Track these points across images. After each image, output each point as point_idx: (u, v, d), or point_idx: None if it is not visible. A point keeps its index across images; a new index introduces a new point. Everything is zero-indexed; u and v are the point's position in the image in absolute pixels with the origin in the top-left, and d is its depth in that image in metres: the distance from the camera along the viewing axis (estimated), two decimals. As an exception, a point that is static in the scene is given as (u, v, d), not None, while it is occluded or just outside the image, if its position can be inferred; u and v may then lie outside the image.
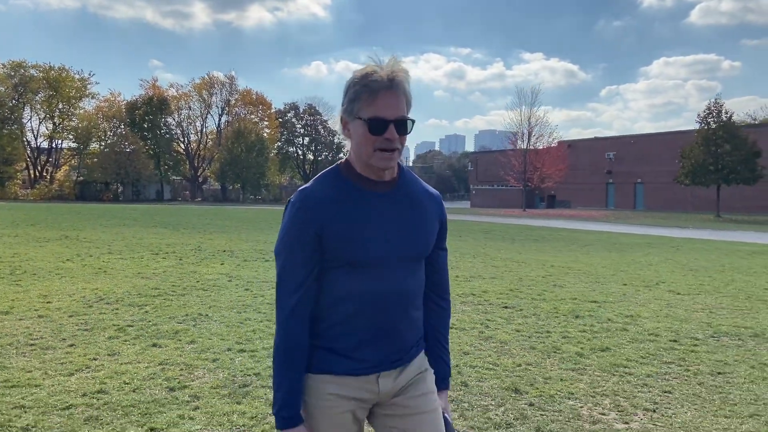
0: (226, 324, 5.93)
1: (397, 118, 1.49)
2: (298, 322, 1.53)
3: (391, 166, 1.54)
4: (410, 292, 1.60)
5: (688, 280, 9.96)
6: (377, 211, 1.56)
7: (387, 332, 1.57)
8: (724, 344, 5.59)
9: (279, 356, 1.53)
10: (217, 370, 4.45)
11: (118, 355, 4.77)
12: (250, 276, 9.19)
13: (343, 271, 1.53)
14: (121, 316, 6.18)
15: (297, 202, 1.54)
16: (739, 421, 3.65)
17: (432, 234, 1.66)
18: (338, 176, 1.58)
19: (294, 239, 1.52)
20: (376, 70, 1.50)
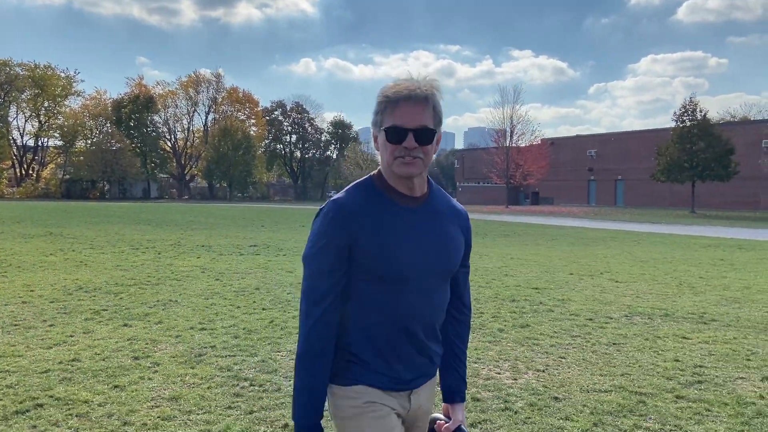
0: (192, 308, 6.59)
1: (417, 126, 1.49)
2: (323, 331, 1.51)
3: (412, 173, 1.52)
4: (438, 307, 1.62)
5: (632, 270, 10.74)
6: (409, 225, 1.56)
7: (417, 347, 1.58)
8: (633, 322, 6.33)
9: (302, 364, 1.52)
10: (178, 344, 5.11)
11: (92, 332, 5.42)
12: (222, 268, 9.84)
13: (373, 284, 1.53)
14: (98, 302, 6.82)
15: (330, 212, 1.53)
16: (611, 378, 4.37)
17: (460, 251, 1.66)
18: (372, 188, 1.58)
19: (325, 248, 1.52)
20: (402, 83, 1.53)
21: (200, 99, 70.19)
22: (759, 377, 4.46)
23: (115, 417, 3.49)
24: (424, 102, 1.50)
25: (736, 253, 14.25)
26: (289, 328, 5.75)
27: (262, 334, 5.50)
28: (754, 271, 10.71)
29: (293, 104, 76.92)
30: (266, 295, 7.44)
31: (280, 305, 6.84)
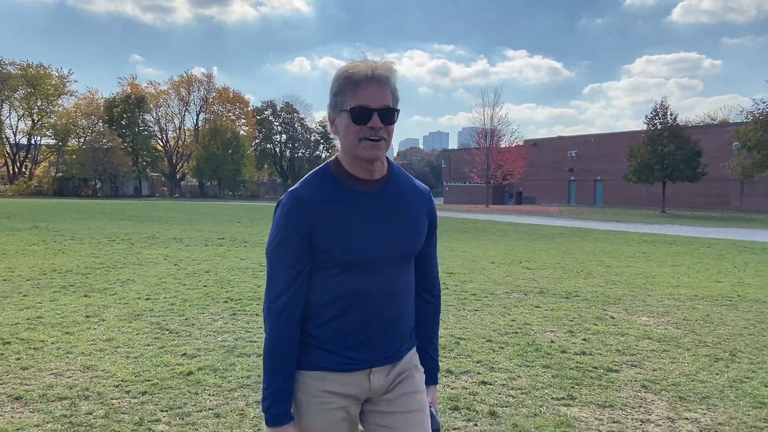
0: (145, 285, 7.91)
1: (381, 106, 1.49)
2: (289, 321, 1.54)
3: (378, 156, 1.53)
4: (400, 290, 1.62)
5: (550, 260, 12.09)
6: (367, 210, 1.56)
7: (378, 330, 1.58)
8: (508, 297, 7.67)
9: (269, 355, 1.55)
10: (123, 308, 6.42)
11: (57, 301, 6.73)
12: (184, 257, 11.15)
13: (334, 271, 1.54)
14: (67, 280, 8.13)
15: (287, 203, 1.54)
16: (450, 331, 5.70)
17: (421, 232, 1.66)
18: (328, 176, 1.58)
19: (284, 240, 1.53)
20: (358, 65, 1.51)
21: (191, 99, 71.43)
22: (565, 332, 5.82)
23: (62, 349, 4.81)
24: (386, 82, 1.51)
25: (663, 247, 15.64)
26: (220, 299, 7.06)
27: (195, 302, 6.82)
28: (661, 263, 12.08)
29: (283, 104, 78.15)
30: (212, 277, 8.76)
31: (220, 283, 8.16)
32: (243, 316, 6.21)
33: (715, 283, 9.35)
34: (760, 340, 5.68)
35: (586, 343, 5.38)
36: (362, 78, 1.49)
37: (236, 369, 4.41)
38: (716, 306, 7.38)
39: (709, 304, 7.48)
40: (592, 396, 4.01)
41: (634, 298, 7.83)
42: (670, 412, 3.75)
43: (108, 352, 4.76)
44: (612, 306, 7.24)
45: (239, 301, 6.92)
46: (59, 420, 3.41)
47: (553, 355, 4.96)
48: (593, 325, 6.15)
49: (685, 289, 8.66)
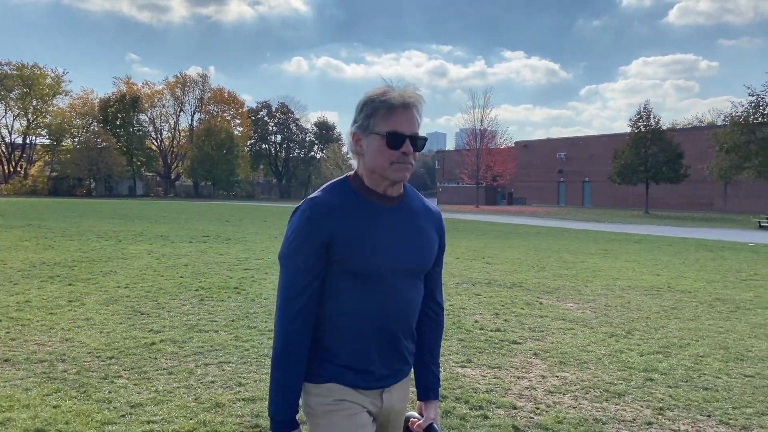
0: (125, 276, 8.66)
1: (413, 133, 1.55)
2: (300, 328, 1.54)
3: (406, 178, 1.58)
4: (411, 305, 1.63)
5: (514, 256, 12.88)
6: (384, 224, 1.58)
7: (391, 345, 1.60)
8: (459, 287, 8.43)
9: (278, 361, 1.55)
10: (103, 295, 7.18)
11: (43, 289, 7.48)
12: (167, 252, 11.90)
13: (348, 281, 1.55)
14: (54, 271, 8.88)
15: (307, 210, 1.55)
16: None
17: (433, 250, 1.69)
18: (347, 187, 1.60)
19: (301, 246, 1.54)
20: (391, 90, 1.56)
21: (187, 99, 72.11)
22: (491, 314, 6.60)
23: (46, 326, 5.56)
24: (416, 110, 1.56)
25: (627, 245, 16.45)
26: (192, 288, 7.82)
27: (169, 291, 7.58)
28: (616, 259, 12.88)
29: (279, 105, 78.86)
30: (189, 270, 9.51)
31: (195, 275, 8.91)
32: (209, 301, 6.97)
33: (654, 276, 10.14)
34: (660, 322, 6.47)
35: (505, 323, 6.16)
36: (397, 104, 1.53)
37: (193, 341, 5.17)
38: (642, 295, 8.17)
39: (636, 294, 8.27)
40: (488, 360, 4.79)
41: (571, 288, 8.62)
42: (545, 372, 4.53)
43: (84, 329, 5.52)
44: (547, 294, 8.02)
45: (209, 290, 7.68)
46: (39, 375, 4.16)
47: (471, 332, 5.73)
48: (520, 309, 6.93)
49: (623, 281, 9.46)
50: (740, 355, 5.14)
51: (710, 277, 10.12)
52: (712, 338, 5.76)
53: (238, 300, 7.08)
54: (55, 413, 3.48)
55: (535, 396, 4.02)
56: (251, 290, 7.74)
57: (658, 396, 4.05)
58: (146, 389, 3.95)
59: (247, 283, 8.26)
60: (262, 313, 6.37)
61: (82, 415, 3.46)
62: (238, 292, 7.61)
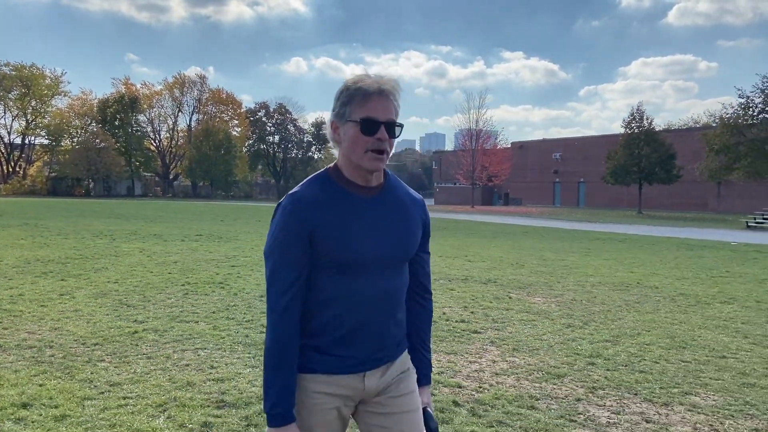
0: (116, 272, 9.02)
1: (388, 120, 1.56)
2: (290, 322, 1.57)
3: (381, 168, 1.60)
4: (395, 293, 1.66)
5: (496, 254, 13.24)
6: (365, 214, 1.61)
7: (372, 332, 1.62)
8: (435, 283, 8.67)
9: (271, 355, 1.57)
10: (94, 290, 7.54)
11: (36, 284, 7.84)
12: (158, 250, 12.26)
13: (332, 272, 1.58)
14: (48, 267, 9.24)
15: (288, 205, 1.58)
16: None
17: (416, 237, 1.71)
18: (327, 180, 1.63)
19: (285, 241, 1.56)
20: (367, 78, 1.58)
21: (185, 99, 72.48)
22: (460, 307, 6.96)
23: (36, 316, 5.92)
24: (392, 98, 1.58)
25: (610, 244, 16.82)
26: (178, 283, 8.18)
27: (156, 285, 7.94)
28: (595, 257, 13.24)
29: (277, 105, 79.24)
30: (178, 266, 9.87)
31: (183, 271, 9.27)
32: (194, 295, 7.33)
33: (628, 273, 10.51)
34: (619, 314, 6.84)
35: (470, 315, 6.53)
36: (372, 91, 1.55)
37: (174, 330, 5.53)
38: (610, 290, 8.54)
39: (605, 289, 8.64)
40: (446, 347, 5.16)
41: (543, 284, 8.99)
42: (497, 358, 4.90)
43: (73, 319, 5.88)
44: (518, 290, 8.39)
45: (194, 285, 8.04)
46: (28, 359, 4.53)
47: (436, 322, 6.09)
48: (489, 303, 7.30)
49: (595, 277, 9.82)
50: (684, 344, 5.51)
51: (682, 275, 10.48)
52: (663, 329, 6.13)
53: (221, 294, 7.45)
54: (40, 390, 3.84)
55: (482, 377, 4.38)
56: (235, 285, 8.10)
57: (594, 378, 4.42)
58: (125, 371, 4.31)
59: (232, 279, 8.62)
60: (241, 306, 6.73)
61: (65, 392, 3.83)
62: (222, 287, 7.97)
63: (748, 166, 31.22)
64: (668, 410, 3.81)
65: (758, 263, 12.67)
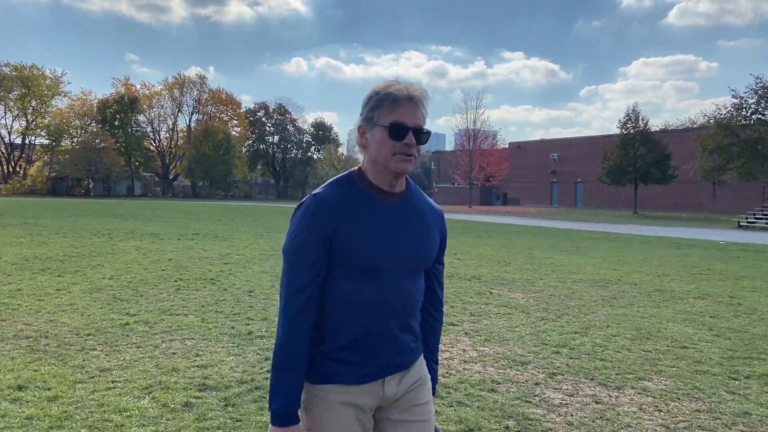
0: (111, 269, 9.30)
1: (416, 126, 1.57)
2: (303, 322, 1.56)
3: (409, 170, 1.59)
4: (411, 299, 1.66)
5: (486, 252, 13.52)
6: (387, 219, 1.61)
7: (389, 338, 1.62)
8: (418, 279, 9.06)
9: (280, 355, 1.57)
10: (89, 285, 7.82)
11: (34, 279, 8.12)
12: (154, 248, 12.54)
13: (349, 276, 1.58)
14: (45, 264, 9.52)
15: (311, 206, 1.58)
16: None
17: (435, 246, 1.72)
18: (351, 183, 1.63)
19: (305, 241, 1.56)
20: (396, 84, 1.60)
21: (185, 100, 72.79)
22: (441, 302, 7.22)
23: (33, 309, 6.20)
24: (421, 104, 1.60)
25: (602, 243, 17.10)
26: (171, 279, 8.46)
27: (149, 282, 8.22)
28: (582, 255, 13.52)
29: (276, 105, 79.55)
30: (172, 264, 10.15)
31: (177, 268, 9.55)
32: (185, 291, 7.61)
33: (611, 270, 10.79)
34: (593, 308, 7.12)
35: (450, 309, 6.80)
36: (402, 97, 1.57)
37: (164, 322, 5.81)
38: (590, 287, 8.81)
39: (585, 285, 8.91)
40: (420, 339, 5.43)
41: (526, 281, 9.27)
42: (468, 347, 5.18)
43: (68, 312, 6.16)
44: (501, 286, 8.67)
45: (187, 281, 8.32)
46: (24, 348, 4.81)
47: (415, 316, 6.36)
48: (470, 298, 7.57)
49: (578, 274, 10.10)
50: (649, 335, 5.79)
51: (664, 272, 10.76)
52: (632, 322, 6.40)
53: (212, 290, 7.73)
54: (34, 375, 4.12)
55: (450, 364, 4.66)
56: (226, 282, 8.38)
57: (556, 365, 4.70)
58: (115, 359, 4.59)
59: (223, 276, 8.90)
60: (230, 300, 7.01)
61: (58, 376, 4.10)
62: (214, 283, 8.25)
63: (741, 167, 31.50)
64: (619, 393, 4.09)
65: (741, 261, 12.95)
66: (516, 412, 3.67)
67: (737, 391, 4.18)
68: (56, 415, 3.43)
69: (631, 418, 3.62)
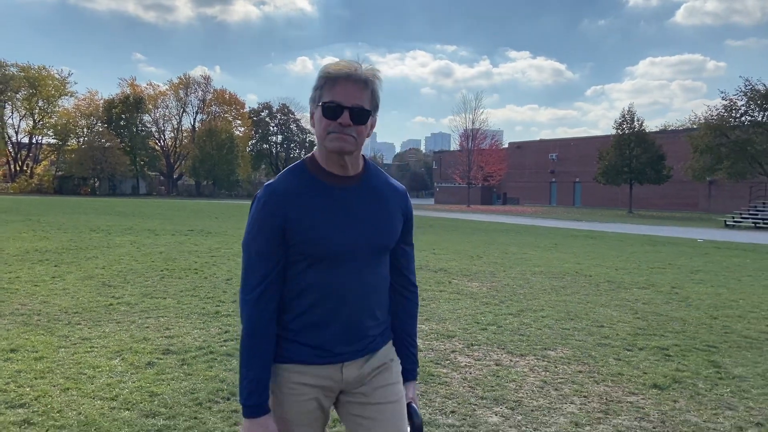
0: (105, 260, 10.05)
1: (354, 105, 1.52)
2: (263, 313, 1.57)
3: (345, 149, 1.54)
4: (373, 284, 1.65)
5: (464, 248, 14.20)
6: (340, 204, 1.59)
7: (348, 322, 1.62)
8: (388, 271, 9.77)
9: (245, 347, 1.57)
10: (82, 274, 8.56)
11: (33, 269, 8.88)
12: (148, 242, 13.30)
13: (307, 263, 1.58)
14: (44, 256, 10.29)
15: (263, 197, 1.58)
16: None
17: (395, 228, 1.68)
18: (303, 171, 1.62)
19: (259, 232, 1.57)
20: (341, 63, 1.56)
21: (189, 100, 73.77)
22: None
23: (29, 293, 6.95)
24: (363, 84, 1.54)
25: (580, 240, 17.75)
26: (158, 269, 9.20)
27: (138, 271, 8.97)
28: (558, 251, 14.18)
29: (279, 105, 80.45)
30: (162, 256, 10.90)
31: (165, 260, 10.30)
32: (169, 279, 8.35)
33: (574, 264, 11.46)
34: (537, 296, 7.80)
35: (405, 295, 7.49)
36: (341, 75, 1.53)
37: (144, 303, 6.55)
38: (546, 278, 9.49)
39: (542, 277, 9.59)
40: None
41: (489, 273, 9.95)
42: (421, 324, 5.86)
43: (60, 295, 6.91)
44: (463, 277, 9.36)
45: (172, 271, 9.06)
46: (18, 323, 5.55)
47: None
48: (428, 286, 8.27)
49: (541, 267, 10.78)
50: (575, 317, 6.48)
51: (625, 266, 11.42)
52: (566, 306, 7.09)
53: (194, 278, 8.46)
54: (25, 342, 4.86)
55: (385, 337, 5.37)
56: (208, 272, 9.12)
57: (478, 338, 5.40)
58: (96, 331, 5.33)
59: (207, 267, 9.64)
60: (207, 287, 7.75)
61: (45, 343, 4.84)
62: (196, 272, 8.99)
63: (730, 167, 32.04)
64: (520, 359, 4.79)
65: (707, 258, 13.58)
66: (424, 371, 4.37)
67: (624, 358, 4.87)
68: (40, 370, 4.17)
69: (518, 376, 4.33)
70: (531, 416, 3.59)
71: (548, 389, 4.08)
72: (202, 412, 3.51)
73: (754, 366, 4.76)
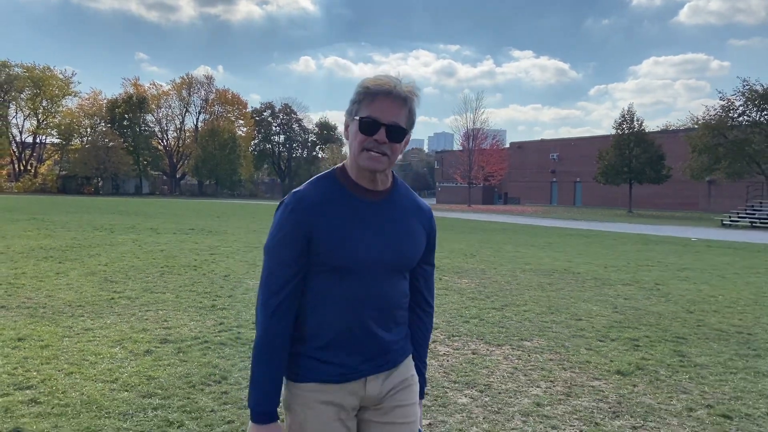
0: (107, 257, 10.38)
1: (391, 122, 1.53)
2: (281, 321, 1.56)
3: (378, 168, 1.56)
4: (395, 300, 1.64)
5: (460, 246, 14.50)
6: (367, 218, 1.59)
7: (369, 338, 1.60)
8: (382, 268, 10.07)
9: (259, 353, 1.57)
10: (85, 270, 8.88)
11: (38, 265, 9.21)
12: (150, 241, 13.62)
13: (328, 275, 1.57)
14: (49, 253, 10.62)
15: (290, 204, 1.57)
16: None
17: (419, 247, 1.68)
18: (333, 181, 1.61)
19: (284, 239, 1.56)
20: (383, 78, 1.56)
21: (192, 100, 74.17)
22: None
23: (35, 288, 7.27)
24: (402, 101, 1.54)
25: (574, 239, 18.02)
26: (158, 266, 9.52)
27: (139, 267, 9.28)
28: (551, 250, 14.47)
29: (282, 105, 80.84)
30: (163, 254, 11.22)
31: (165, 258, 10.61)
32: (169, 275, 8.67)
33: (565, 262, 11.74)
34: (523, 291, 8.09)
35: (395, 291, 7.79)
36: (381, 91, 1.53)
37: (144, 297, 6.86)
38: (534, 275, 9.78)
39: (531, 274, 9.88)
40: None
41: (480, 270, 10.24)
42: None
43: (64, 290, 7.22)
44: (453, 274, 9.65)
45: (172, 268, 9.38)
46: (25, 315, 5.86)
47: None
48: (418, 282, 8.55)
49: (532, 265, 11.07)
50: (555, 310, 6.76)
51: (614, 263, 11.70)
52: (548, 301, 7.38)
53: (193, 275, 8.77)
54: (32, 332, 5.17)
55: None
56: (207, 269, 9.43)
57: (460, 330, 5.70)
58: (98, 322, 5.64)
59: (206, 264, 9.95)
60: (205, 282, 8.06)
61: (50, 333, 5.16)
62: (195, 269, 9.30)
63: (728, 167, 32.26)
64: (496, 348, 5.09)
65: (696, 256, 13.85)
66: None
67: (595, 348, 5.16)
68: (46, 357, 4.48)
69: (492, 363, 4.62)
70: (498, 398, 3.89)
71: (518, 375, 4.38)
72: (195, 393, 3.82)
73: (717, 355, 5.05)
